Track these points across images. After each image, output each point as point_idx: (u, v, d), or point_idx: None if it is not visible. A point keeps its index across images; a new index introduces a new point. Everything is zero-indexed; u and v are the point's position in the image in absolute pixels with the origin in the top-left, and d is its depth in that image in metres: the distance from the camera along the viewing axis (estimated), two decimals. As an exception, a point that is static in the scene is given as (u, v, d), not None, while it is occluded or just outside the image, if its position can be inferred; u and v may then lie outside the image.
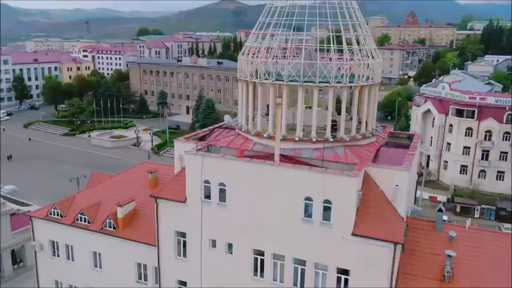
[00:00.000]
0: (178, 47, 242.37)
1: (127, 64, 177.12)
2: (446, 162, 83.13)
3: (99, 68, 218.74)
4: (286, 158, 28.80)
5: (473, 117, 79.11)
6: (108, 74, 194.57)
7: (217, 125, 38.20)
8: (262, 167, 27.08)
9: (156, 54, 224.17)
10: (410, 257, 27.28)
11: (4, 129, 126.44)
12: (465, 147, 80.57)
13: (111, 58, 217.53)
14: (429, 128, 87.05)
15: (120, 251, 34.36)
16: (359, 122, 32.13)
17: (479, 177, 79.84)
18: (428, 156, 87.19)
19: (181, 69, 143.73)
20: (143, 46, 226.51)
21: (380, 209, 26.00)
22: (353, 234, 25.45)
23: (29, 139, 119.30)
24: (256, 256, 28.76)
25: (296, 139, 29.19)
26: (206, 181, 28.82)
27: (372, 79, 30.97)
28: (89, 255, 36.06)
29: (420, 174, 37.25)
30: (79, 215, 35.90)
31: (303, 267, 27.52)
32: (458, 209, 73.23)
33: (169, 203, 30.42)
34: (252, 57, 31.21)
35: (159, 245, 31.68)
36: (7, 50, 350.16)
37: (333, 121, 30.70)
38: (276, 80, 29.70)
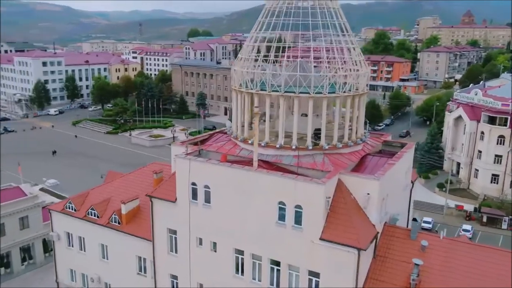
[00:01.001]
0: (223, 48, 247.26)
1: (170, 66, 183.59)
2: (477, 170, 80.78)
3: (147, 69, 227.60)
4: (267, 164, 30.49)
5: (505, 125, 76.49)
6: (154, 75, 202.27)
7: (217, 130, 40.27)
8: (241, 172, 28.88)
9: (201, 55, 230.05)
10: (381, 263, 28.12)
11: (53, 126, 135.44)
12: (496, 156, 78.00)
13: (158, 60, 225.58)
14: (460, 135, 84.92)
15: (123, 244, 37.26)
16: (351, 129, 33.29)
17: (511, 187, 77.04)
18: (459, 164, 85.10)
19: (220, 71, 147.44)
20: (188, 47, 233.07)
21: (349, 216, 27.06)
22: (321, 239, 26.71)
23: (75, 136, 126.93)
24: (237, 255, 30.61)
25: (277, 146, 30.74)
26: (193, 183, 30.99)
27: (356, 89, 31.91)
28: (97, 247, 39.28)
29: (412, 183, 37.29)
30: (89, 210, 39.22)
31: (279, 268, 29.08)
32: (484, 220, 71.16)
33: (162, 202, 32.89)
34: (242, 68, 32.93)
35: (154, 241, 34.27)
36: (67, 50, 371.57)
37: (318, 129, 31.96)
38: (261, 90, 31.35)
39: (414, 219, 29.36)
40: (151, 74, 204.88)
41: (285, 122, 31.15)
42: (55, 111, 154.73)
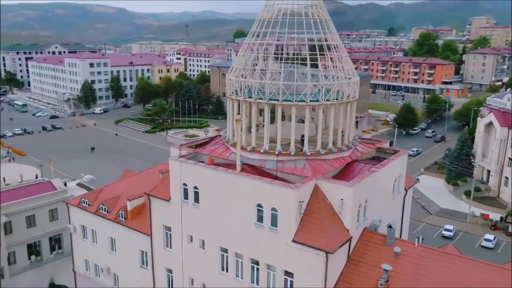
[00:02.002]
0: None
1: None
2: (507, 178, 78.05)
3: (190, 70, 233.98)
4: (252, 168, 32.14)
5: (538, 132, 73.63)
6: (195, 76, 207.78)
7: (219, 134, 42.24)
8: (224, 175, 30.71)
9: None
10: (355, 267, 29.04)
11: (95, 124, 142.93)
12: (527, 164, 75.27)
13: (200, 61, 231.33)
14: (491, 142, 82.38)
15: (128, 238, 40.03)
16: (343, 136, 34.35)
17: (542, 196, 74.06)
18: (489, 171, 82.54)
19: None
20: (230, 49, 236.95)
21: (322, 220, 28.20)
22: (293, 241, 28.05)
23: (116, 134, 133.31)
24: (222, 253, 32.48)
25: (262, 151, 32.30)
26: (184, 184, 33.15)
27: (341, 97, 32.88)
28: (107, 240, 42.36)
29: (405, 190, 37.45)
30: (100, 205, 42.38)
31: (258, 267, 30.66)
32: (510, 230, 68.94)
33: (158, 201, 35.31)
34: (236, 77, 34.65)
35: (152, 236, 36.78)
36: (119, 51, 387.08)
37: (303, 136, 33.21)
38: (249, 97, 33.00)
39: (389, 226, 29.91)
40: (193, 75, 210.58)
41: (275, 128, 32.55)
42: (100, 110, 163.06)
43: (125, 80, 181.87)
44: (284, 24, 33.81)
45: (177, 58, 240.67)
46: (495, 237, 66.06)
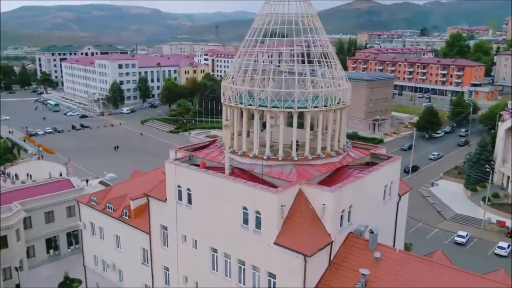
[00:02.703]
0: (291, 51, 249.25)
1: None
2: (527, 185, 76.27)
3: (217, 71, 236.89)
4: (242, 172, 33.31)
5: (559, 138, 71.50)
6: (221, 77, 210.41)
7: (215, 138, 43.56)
8: (213, 178, 32.02)
9: (268, 57, 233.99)
10: (336, 270, 29.77)
11: (120, 123, 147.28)
12: (548, 170, 73.19)
13: (227, 62, 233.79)
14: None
15: (131, 236, 41.93)
16: (333, 141, 35.09)
17: None
18: (508, 177, 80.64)
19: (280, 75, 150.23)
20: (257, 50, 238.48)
21: (303, 224, 29.09)
22: (275, 243, 29.06)
23: (141, 134, 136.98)
24: (213, 253, 33.80)
25: (251, 155, 33.42)
26: (178, 186, 34.66)
27: (330, 104, 33.61)
28: (113, 237, 44.44)
29: (399, 196, 37.56)
30: (107, 204, 44.51)
31: (245, 267, 31.80)
32: (526, 237, 67.37)
33: (155, 201, 36.98)
34: (229, 83, 35.91)
35: (150, 235, 38.51)
36: (152, 51, 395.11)
37: (296, 141, 34.12)
38: (240, 103, 34.17)
39: (371, 231, 30.44)
40: (219, 76, 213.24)
41: (268, 133, 33.64)
42: (127, 110, 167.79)
43: (152, 81, 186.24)
44: (277, 33, 34.73)
45: (205, 59, 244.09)
46: (509, 245, 64.80)
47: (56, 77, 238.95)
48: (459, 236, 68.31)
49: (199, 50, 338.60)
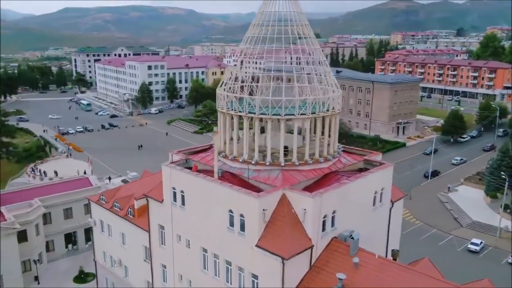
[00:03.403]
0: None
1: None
2: (548, 192, 73.96)
3: (246, 72, 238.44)
4: (231, 176, 34.61)
5: None
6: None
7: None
8: (202, 181, 33.45)
9: (297, 59, 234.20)
10: (316, 274, 30.59)
11: (146, 123, 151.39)
12: None
13: (255, 63, 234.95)
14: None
15: (135, 234, 43.98)
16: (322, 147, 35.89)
17: None
18: (529, 184, 78.34)
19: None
20: (285, 51, 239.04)
21: (284, 228, 30.07)
22: (256, 246, 30.19)
23: (166, 134, 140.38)
24: (204, 253, 35.25)
25: (241, 160, 34.66)
26: (173, 188, 36.31)
27: (318, 111, 34.39)
28: (119, 235, 46.67)
29: (392, 202, 37.78)
30: (114, 203, 46.76)
31: (231, 268, 33.08)
32: (543, 247, 65.53)
33: (154, 202, 38.79)
34: (225, 91, 37.18)
35: (150, 234, 40.36)
36: (186, 52, 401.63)
37: (285, 147, 35.14)
38: (231, 110, 35.46)
39: (351, 237, 31.07)
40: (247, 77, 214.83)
41: (256, 139, 34.85)
42: (155, 110, 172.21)
43: (180, 82, 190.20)
44: (267, 40, 35.81)
45: (234, 60, 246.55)
46: (527, 254, 63.26)
47: (90, 77, 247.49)
48: (472, 243, 67.22)
49: (230, 51, 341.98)
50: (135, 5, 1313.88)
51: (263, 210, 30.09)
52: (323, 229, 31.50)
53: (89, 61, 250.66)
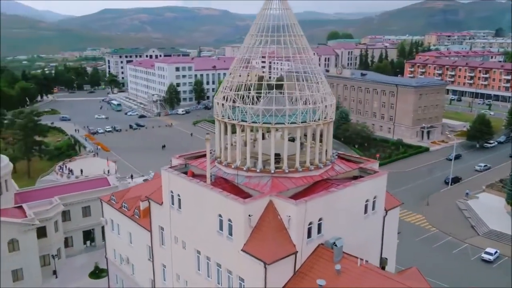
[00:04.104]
0: (349, 54, 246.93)
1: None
2: None
3: (274, 74, 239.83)
4: (224, 181, 35.90)
5: None
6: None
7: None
8: (195, 186, 34.88)
9: (325, 61, 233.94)
10: (300, 279, 31.43)
11: (172, 124, 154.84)
12: None
13: (284, 65, 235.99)
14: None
15: (140, 234, 45.94)
16: (321, 155, 36.68)
17: None
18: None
19: (328, 79, 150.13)
20: (314, 53, 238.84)
21: (269, 234, 31.07)
22: (242, 250, 31.33)
23: (191, 134, 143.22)
24: (198, 255, 36.69)
25: (233, 166, 35.87)
26: (171, 191, 37.91)
27: (309, 121, 35.20)
28: (126, 234, 48.79)
29: (386, 211, 37.98)
30: (123, 203, 48.92)
31: (221, 270, 34.37)
32: (562, 259, 63.58)
33: (155, 204, 40.55)
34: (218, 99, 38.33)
35: (151, 234, 42.17)
36: (218, 52, 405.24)
37: (277, 154, 36.13)
38: (227, 118, 36.74)
39: (334, 244, 31.71)
40: (274, 79, 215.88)
41: (248, 146, 36.03)
42: (182, 111, 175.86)
43: (207, 83, 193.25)
44: (261, 47, 36.86)
45: (262, 62, 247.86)
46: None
47: (122, 78, 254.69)
48: (486, 253, 65.98)
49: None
50: (171, 6, 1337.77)
51: (249, 215, 31.17)
52: (309, 236, 32.28)
53: (121, 62, 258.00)
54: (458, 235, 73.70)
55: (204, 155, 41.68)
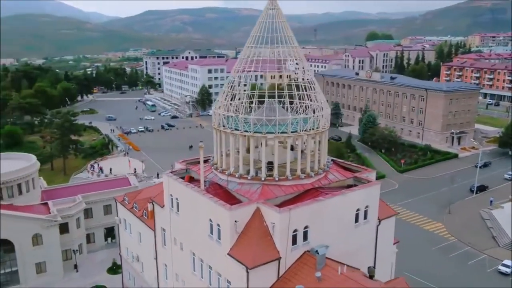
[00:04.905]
0: (384, 56, 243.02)
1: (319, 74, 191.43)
2: None
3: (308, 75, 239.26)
4: (218, 187, 37.47)
5: None
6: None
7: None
8: (189, 190, 36.62)
9: (359, 63, 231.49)
10: (284, 285, 32.49)
11: (201, 125, 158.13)
12: None
13: (317, 66, 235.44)
14: None
15: (147, 234, 48.22)
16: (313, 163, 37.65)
17: None
18: None
19: (357, 82, 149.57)
20: (348, 55, 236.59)
21: (254, 239, 32.35)
22: (228, 254, 32.78)
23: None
24: (193, 256, 38.44)
25: (227, 173, 37.36)
26: (171, 195, 39.87)
27: (299, 131, 36.18)
28: (136, 233, 51.27)
29: (379, 220, 38.13)
30: (134, 204, 51.42)
31: (212, 272, 35.95)
32: None
33: (157, 206, 42.64)
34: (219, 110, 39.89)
35: (155, 235, 44.32)
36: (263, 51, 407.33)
37: (270, 162, 37.34)
38: (222, 126, 38.26)
39: (316, 252, 32.51)
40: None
41: (240, 153, 37.44)
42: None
43: (239, 84, 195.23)
44: (262, 63, 38.18)
45: (296, 64, 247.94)
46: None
47: (159, 79, 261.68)
48: (504, 265, 64.31)
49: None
50: (212, 7, 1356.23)
51: (235, 221, 32.56)
52: (295, 243, 33.29)
53: (158, 63, 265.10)
54: (477, 245, 72.01)
55: (205, 161, 43.55)
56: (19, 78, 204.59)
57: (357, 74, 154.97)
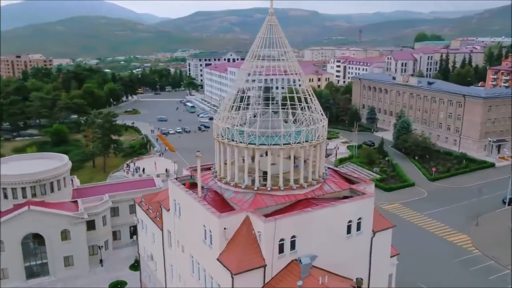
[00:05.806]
0: (428, 58, 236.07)
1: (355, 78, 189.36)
2: None
3: (348, 78, 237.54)
4: (215, 194, 39.39)
5: None
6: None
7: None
8: (187, 196, 38.74)
9: (402, 66, 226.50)
10: (269, 291, 33.94)
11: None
12: None
13: (359, 69, 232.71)
14: None
15: (159, 235, 50.84)
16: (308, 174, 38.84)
17: None
18: None
19: (394, 86, 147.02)
20: (390, 57, 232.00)
21: (241, 246, 33.94)
22: (217, 259, 34.59)
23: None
24: (192, 259, 40.56)
25: (223, 182, 39.17)
26: (174, 200, 42.22)
27: (292, 143, 37.41)
28: (151, 234, 54.12)
29: (373, 232, 38.31)
30: (149, 205, 54.30)
31: (206, 275, 37.90)
32: None
33: (164, 209, 45.14)
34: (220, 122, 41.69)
35: (163, 237, 46.88)
36: (302, 53, 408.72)
37: (265, 172, 38.81)
38: (222, 137, 40.12)
39: (300, 261, 33.55)
40: (339, 85, 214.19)
41: (236, 163, 39.20)
42: (249, 115, 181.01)
43: (277, 88, 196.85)
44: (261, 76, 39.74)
45: (337, 66, 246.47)
46: None
47: (201, 80, 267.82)
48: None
49: (340, 54, 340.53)
50: (260, 8, 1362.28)
51: (224, 228, 34.30)
52: (282, 251, 34.54)
53: (201, 65, 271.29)
54: (501, 260, 69.79)
55: (209, 168, 45.61)
56: (69, 79, 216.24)
57: (394, 78, 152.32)
